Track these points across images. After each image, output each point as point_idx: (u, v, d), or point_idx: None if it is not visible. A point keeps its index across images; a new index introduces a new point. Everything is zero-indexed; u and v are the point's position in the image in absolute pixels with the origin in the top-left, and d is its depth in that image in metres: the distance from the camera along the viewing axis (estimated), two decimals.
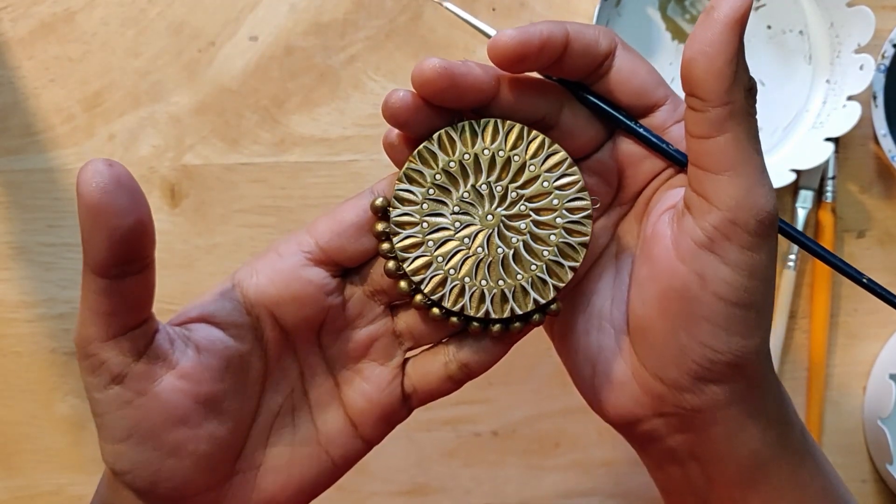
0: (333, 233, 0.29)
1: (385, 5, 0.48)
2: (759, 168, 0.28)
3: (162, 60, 0.48)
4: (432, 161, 0.29)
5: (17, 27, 0.48)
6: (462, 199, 0.29)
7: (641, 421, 0.31)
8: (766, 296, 0.29)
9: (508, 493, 0.50)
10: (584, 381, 0.32)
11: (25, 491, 0.49)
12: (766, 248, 0.28)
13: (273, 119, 0.48)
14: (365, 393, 0.31)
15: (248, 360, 0.29)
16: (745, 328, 0.28)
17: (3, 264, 0.48)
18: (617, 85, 0.29)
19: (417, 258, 0.29)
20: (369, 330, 0.31)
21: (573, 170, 0.29)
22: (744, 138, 0.27)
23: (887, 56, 0.47)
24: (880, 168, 0.50)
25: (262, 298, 0.29)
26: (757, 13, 0.49)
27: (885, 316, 0.50)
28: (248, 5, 0.48)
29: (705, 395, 0.29)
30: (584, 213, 0.29)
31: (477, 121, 0.29)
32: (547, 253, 0.29)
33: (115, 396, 0.27)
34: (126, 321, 0.26)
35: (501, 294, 0.29)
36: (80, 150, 0.48)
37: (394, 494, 0.49)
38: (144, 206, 0.25)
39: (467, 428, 0.49)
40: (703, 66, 0.27)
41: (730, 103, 0.27)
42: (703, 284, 0.28)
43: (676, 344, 0.29)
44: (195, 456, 0.28)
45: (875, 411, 0.48)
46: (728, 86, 0.27)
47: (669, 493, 0.33)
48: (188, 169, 0.48)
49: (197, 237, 0.48)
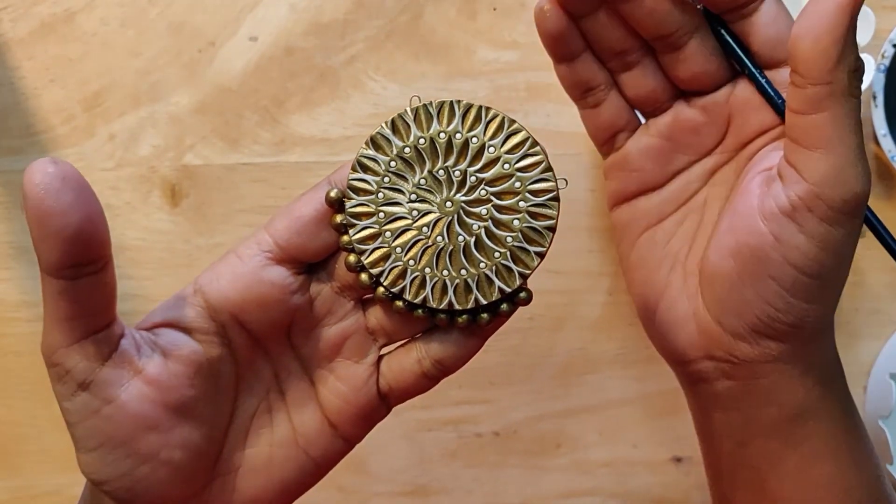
0: (292, 230, 0.28)
1: (385, 5, 0.48)
2: (854, 149, 0.28)
3: (162, 60, 0.48)
4: (386, 147, 0.28)
5: (17, 27, 0.48)
6: (419, 186, 0.28)
7: (694, 361, 0.32)
8: (837, 270, 0.29)
9: (510, 494, 0.50)
10: (647, 314, 0.33)
11: (25, 491, 0.49)
12: (848, 226, 0.29)
13: (273, 119, 0.48)
14: (340, 393, 0.30)
15: (217, 365, 0.29)
16: (808, 295, 0.29)
17: (4, 264, 0.48)
18: (755, 29, 0.29)
19: (375, 250, 0.28)
20: (340, 327, 0.30)
21: (536, 149, 0.28)
22: (841, 118, 0.27)
23: (887, 56, 0.47)
24: (880, 168, 0.50)
25: (226, 304, 0.28)
26: None
27: (885, 316, 0.50)
28: (248, 5, 0.48)
29: (759, 347, 0.30)
30: (548, 195, 0.28)
31: (431, 103, 0.28)
32: (510, 239, 0.28)
33: (83, 405, 0.26)
34: (88, 325, 0.26)
35: (464, 284, 0.28)
36: (81, 151, 0.48)
37: (395, 495, 0.49)
38: (93, 203, 0.24)
39: (468, 428, 0.49)
40: (809, 45, 0.27)
41: (831, 83, 0.27)
42: (777, 247, 0.29)
43: (741, 296, 0.30)
44: (171, 464, 0.28)
45: (875, 411, 0.48)
46: (831, 66, 0.27)
47: (708, 437, 0.34)
48: (188, 169, 0.48)
49: (197, 237, 0.48)
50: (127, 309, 0.48)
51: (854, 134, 0.28)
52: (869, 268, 0.50)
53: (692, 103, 0.30)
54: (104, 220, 0.25)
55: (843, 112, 0.27)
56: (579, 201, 0.48)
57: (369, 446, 0.49)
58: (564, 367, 0.49)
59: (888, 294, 0.50)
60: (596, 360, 0.49)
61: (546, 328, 0.49)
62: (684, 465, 0.49)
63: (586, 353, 0.49)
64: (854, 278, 0.50)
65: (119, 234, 0.48)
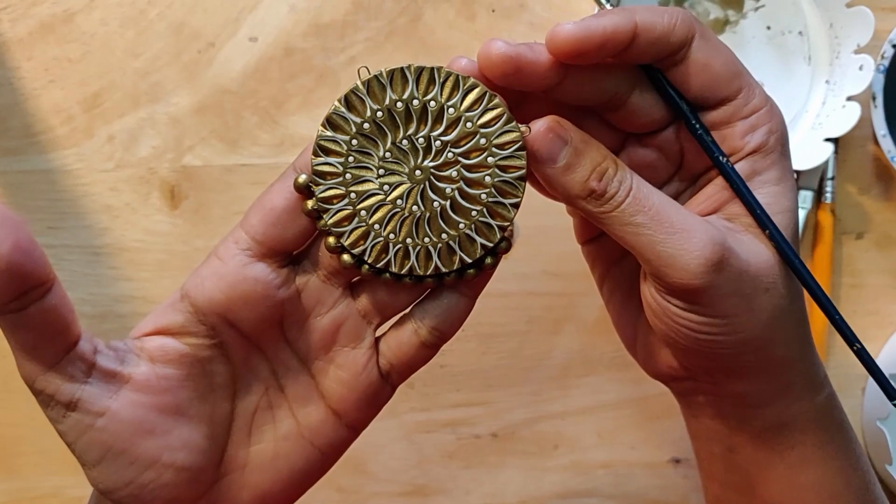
0: (267, 223, 0.28)
1: (384, 7, 0.48)
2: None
3: (161, 61, 0.48)
4: (345, 126, 0.27)
5: (17, 28, 0.48)
6: (385, 159, 0.28)
7: (676, 381, 0.32)
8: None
9: (508, 495, 0.50)
10: (626, 340, 0.34)
11: (25, 493, 0.49)
12: (689, 299, 0.29)
13: (273, 120, 0.48)
14: (342, 380, 0.30)
15: (209, 366, 0.29)
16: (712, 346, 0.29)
17: None
18: (687, 77, 0.29)
19: (354, 230, 0.28)
20: (332, 315, 0.30)
21: (495, 102, 0.27)
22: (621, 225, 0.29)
23: (886, 56, 0.46)
24: (879, 169, 0.50)
25: (213, 307, 0.28)
26: (757, 14, 0.49)
27: (885, 317, 0.50)
28: (248, 6, 0.48)
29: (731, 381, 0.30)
30: (515, 145, 0.28)
31: (381, 73, 0.27)
32: (484, 196, 0.28)
33: (76, 423, 0.27)
34: (56, 348, 0.26)
35: (447, 247, 0.28)
36: (80, 151, 0.48)
37: (394, 496, 0.49)
38: (19, 231, 0.24)
39: (467, 430, 0.49)
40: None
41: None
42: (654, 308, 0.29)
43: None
44: (174, 467, 0.28)
45: (874, 412, 0.48)
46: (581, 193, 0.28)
47: (699, 439, 0.34)
48: (188, 170, 0.48)
49: (196, 238, 0.48)
50: (126, 310, 0.48)
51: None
52: (868, 270, 0.50)
53: (644, 142, 0.30)
54: (35, 246, 0.24)
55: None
56: None
57: (369, 447, 0.49)
58: (562, 369, 0.49)
59: (887, 296, 0.50)
60: (594, 362, 0.49)
61: (544, 330, 0.49)
62: (682, 466, 0.49)
63: (584, 355, 0.49)
64: (853, 280, 0.50)
65: (118, 235, 0.48)
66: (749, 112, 0.29)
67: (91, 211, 0.48)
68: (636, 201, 0.27)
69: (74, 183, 0.48)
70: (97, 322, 0.48)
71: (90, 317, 0.48)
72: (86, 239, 0.48)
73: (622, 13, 0.27)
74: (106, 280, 0.48)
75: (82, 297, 0.48)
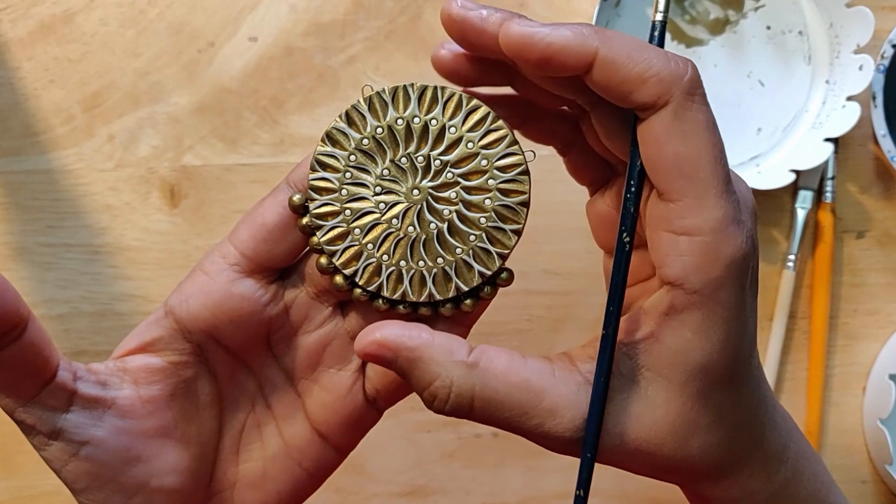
0: (258, 238, 0.27)
1: (385, 6, 0.48)
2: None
3: (161, 61, 0.48)
4: (344, 142, 0.27)
5: (17, 28, 0.48)
6: (382, 177, 0.27)
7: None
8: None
9: (508, 495, 0.50)
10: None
11: (26, 491, 0.49)
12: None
13: (272, 119, 0.48)
14: (325, 403, 0.29)
15: (194, 385, 0.28)
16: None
17: (3, 265, 0.48)
18: (600, 86, 0.24)
19: (347, 249, 0.27)
20: (319, 334, 0.29)
21: (498, 123, 0.27)
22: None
23: (886, 56, 0.47)
24: (880, 168, 0.50)
25: (199, 324, 0.27)
26: (756, 14, 0.49)
27: (885, 316, 0.50)
28: (248, 6, 0.48)
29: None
30: (517, 169, 0.27)
31: (384, 90, 0.27)
32: (484, 220, 0.27)
33: (60, 451, 0.26)
34: (34, 383, 0.25)
35: (443, 272, 0.27)
36: (80, 151, 0.48)
37: (394, 496, 0.49)
38: None
39: (467, 429, 0.49)
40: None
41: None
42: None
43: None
44: (163, 491, 0.27)
45: (875, 412, 0.48)
46: None
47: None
48: (187, 169, 0.48)
49: (196, 238, 0.48)
50: (126, 309, 0.48)
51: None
52: (868, 268, 0.50)
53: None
54: (6, 288, 0.24)
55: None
56: (578, 202, 0.48)
57: (368, 447, 0.49)
58: None
59: (887, 295, 0.50)
60: None
61: (545, 329, 0.49)
62: None
63: None
64: (854, 279, 0.50)
65: (118, 234, 0.48)
66: (682, 230, 0.24)
67: (91, 210, 0.48)
68: (483, 400, 0.25)
69: (74, 182, 0.48)
70: (96, 320, 0.48)
71: (90, 315, 0.48)
72: (86, 238, 0.48)
73: (586, 35, 0.24)
74: (106, 279, 0.48)
75: (82, 295, 0.48)
